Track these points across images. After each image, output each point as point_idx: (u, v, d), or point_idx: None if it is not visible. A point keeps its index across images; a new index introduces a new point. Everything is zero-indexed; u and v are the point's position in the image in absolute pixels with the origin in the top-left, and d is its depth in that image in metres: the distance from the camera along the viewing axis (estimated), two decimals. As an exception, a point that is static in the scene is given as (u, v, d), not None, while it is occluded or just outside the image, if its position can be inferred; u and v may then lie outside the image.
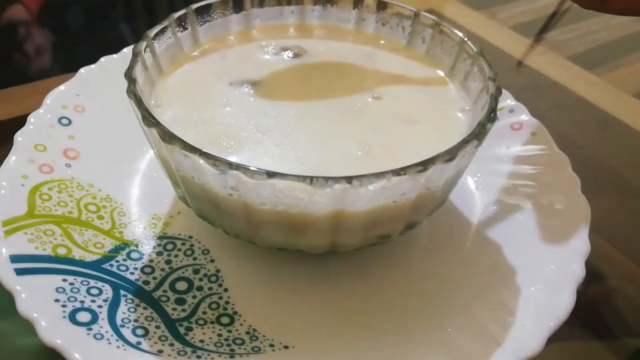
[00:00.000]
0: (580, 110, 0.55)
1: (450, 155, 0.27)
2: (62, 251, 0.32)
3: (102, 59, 0.45)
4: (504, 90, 0.45)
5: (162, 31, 0.36)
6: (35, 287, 0.29)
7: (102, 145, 0.40)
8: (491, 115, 0.30)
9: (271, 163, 0.30)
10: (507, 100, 0.45)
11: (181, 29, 0.38)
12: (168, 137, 0.27)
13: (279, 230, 0.29)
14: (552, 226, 0.35)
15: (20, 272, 0.29)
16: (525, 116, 0.43)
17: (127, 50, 0.46)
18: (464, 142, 0.28)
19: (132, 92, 0.29)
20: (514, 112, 0.44)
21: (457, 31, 0.38)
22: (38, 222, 0.33)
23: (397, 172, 0.26)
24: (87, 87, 0.43)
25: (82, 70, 0.44)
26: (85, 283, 0.31)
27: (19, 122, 0.39)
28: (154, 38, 0.35)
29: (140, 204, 0.37)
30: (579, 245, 0.33)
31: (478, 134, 0.29)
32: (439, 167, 0.27)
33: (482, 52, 0.36)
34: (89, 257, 0.32)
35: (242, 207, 0.28)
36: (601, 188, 0.47)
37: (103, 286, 0.31)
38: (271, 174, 0.25)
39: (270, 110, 0.34)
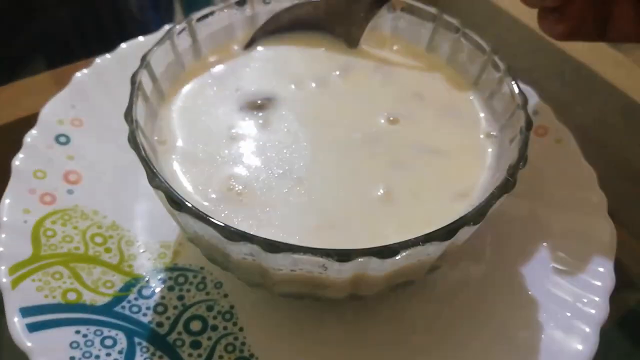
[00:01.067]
0: (608, 99, 0.51)
1: (481, 214, 0.25)
2: (72, 296, 0.31)
3: (97, 60, 0.42)
4: (528, 88, 0.43)
5: (161, 50, 0.33)
6: (49, 346, 0.28)
7: (103, 162, 0.38)
8: (522, 157, 0.28)
9: (286, 212, 0.28)
10: (531, 100, 0.42)
11: (181, 43, 0.35)
12: (176, 205, 0.25)
13: (296, 286, 0.28)
14: (576, 256, 0.34)
15: (32, 328, 0.28)
16: (550, 120, 0.41)
17: (125, 46, 0.43)
18: (494, 197, 0.26)
19: (134, 142, 0.27)
20: (539, 115, 0.41)
21: (483, 41, 0.35)
22: (45, 264, 0.32)
23: (423, 241, 0.24)
24: (83, 96, 0.40)
25: (77, 75, 0.41)
26: (99, 333, 0.30)
27: (8, 131, 0.37)
28: (152, 59, 0.32)
29: (148, 231, 0.36)
30: (603, 280, 0.32)
31: (508, 184, 0.27)
32: (468, 227, 0.25)
33: (511, 69, 0.33)
34: (100, 300, 0.32)
35: (257, 268, 0.26)
36: (629, 187, 0.45)
37: (117, 335, 0.30)
38: (289, 248, 0.24)
39: (282, 143, 0.32)
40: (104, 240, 0.35)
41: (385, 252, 0.24)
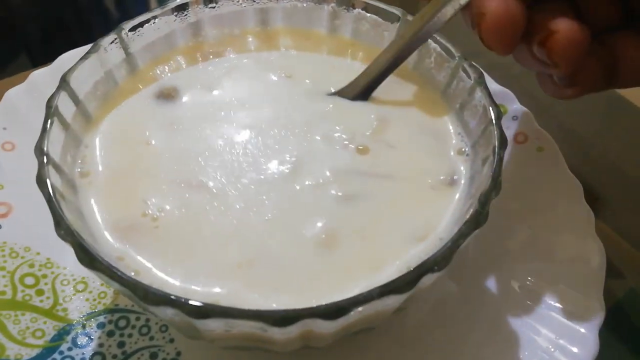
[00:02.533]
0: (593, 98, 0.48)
1: (445, 260, 0.22)
2: (-7, 353, 0.28)
3: (33, 74, 0.38)
4: (507, 91, 0.39)
5: (86, 67, 0.29)
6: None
7: (37, 191, 0.34)
8: (495, 185, 0.24)
9: (206, 242, 0.25)
10: (510, 105, 0.38)
11: (111, 57, 0.30)
12: (87, 263, 0.21)
13: (238, 341, 0.24)
14: (562, 282, 0.30)
15: (-60, 396, 0.25)
16: (530, 126, 0.37)
17: (63, 58, 0.39)
18: (462, 236, 0.22)
19: (41, 181, 0.23)
20: (518, 120, 0.38)
21: (452, 47, 0.31)
22: (-37, 316, 0.28)
23: (377, 295, 0.21)
24: (15, 116, 0.36)
25: (9, 92, 0.37)
26: (22, 396, 0.26)
27: None
28: (74, 79, 0.28)
29: (88, 266, 0.32)
30: (592, 311, 0.29)
31: (479, 218, 0.23)
32: (431, 275, 0.22)
33: (483, 78, 0.29)
34: (27, 354, 0.28)
35: (189, 326, 0.23)
36: (613, 188, 0.41)
37: (43, 397, 0.27)
38: (221, 312, 0.20)
39: (206, 154, 0.28)
40: (36, 281, 0.31)
41: (333, 312, 0.20)
